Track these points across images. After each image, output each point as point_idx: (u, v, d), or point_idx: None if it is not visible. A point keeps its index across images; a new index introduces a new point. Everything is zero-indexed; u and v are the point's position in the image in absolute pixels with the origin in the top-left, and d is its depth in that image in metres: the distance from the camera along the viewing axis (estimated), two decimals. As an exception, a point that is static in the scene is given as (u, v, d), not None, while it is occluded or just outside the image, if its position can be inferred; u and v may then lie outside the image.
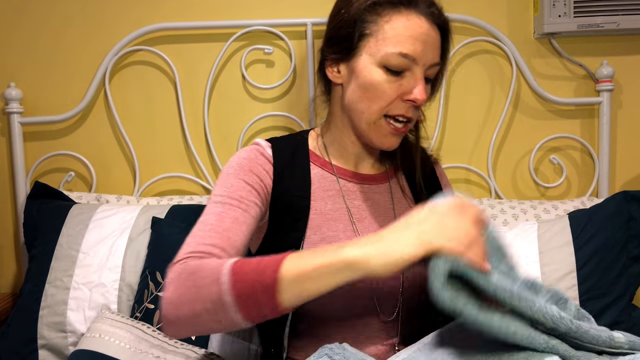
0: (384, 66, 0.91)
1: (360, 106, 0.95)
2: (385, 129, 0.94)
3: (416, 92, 0.91)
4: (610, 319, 1.22)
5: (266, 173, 0.96)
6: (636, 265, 1.28)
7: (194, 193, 1.61)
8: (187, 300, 0.74)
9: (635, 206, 1.30)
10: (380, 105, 0.93)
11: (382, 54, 0.91)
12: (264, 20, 1.54)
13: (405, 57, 0.90)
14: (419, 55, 0.90)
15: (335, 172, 1.01)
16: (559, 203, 1.51)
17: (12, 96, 1.53)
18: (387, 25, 0.91)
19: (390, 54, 0.90)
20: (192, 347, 1.12)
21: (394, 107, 0.93)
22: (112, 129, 1.60)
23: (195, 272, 0.75)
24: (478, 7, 1.57)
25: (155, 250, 1.30)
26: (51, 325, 1.28)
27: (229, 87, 1.59)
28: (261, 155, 0.98)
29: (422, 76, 0.91)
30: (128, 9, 1.57)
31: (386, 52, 0.90)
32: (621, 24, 1.50)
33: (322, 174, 1.01)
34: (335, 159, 1.03)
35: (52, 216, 1.41)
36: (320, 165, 1.02)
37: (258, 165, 0.96)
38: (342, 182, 1.01)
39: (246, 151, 0.99)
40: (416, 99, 0.91)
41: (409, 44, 0.90)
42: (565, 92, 1.59)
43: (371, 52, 0.92)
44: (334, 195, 0.99)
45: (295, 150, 1.02)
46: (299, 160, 1.01)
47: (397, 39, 0.90)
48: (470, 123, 1.61)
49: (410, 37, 0.90)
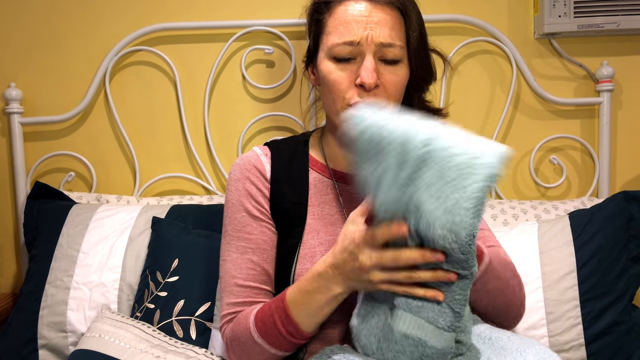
0: (333, 57, 0.93)
1: (326, 102, 0.97)
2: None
3: (363, 74, 0.90)
4: (610, 319, 1.22)
5: (261, 190, 0.99)
6: (636, 265, 1.28)
7: (194, 193, 1.61)
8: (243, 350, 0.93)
9: (635, 206, 1.30)
10: (337, 96, 0.93)
11: (328, 46, 0.93)
12: (264, 20, 1.54)
13: (347, 43, 0.91)
14: (362, 37, 0.90)
15: (332, 176, 1.02)
16: (559, 203, 1.51)
17: (12, 96, 1.53)
18: (331, 18, 0.94)
19: (333, 44, 0.92)
20: (192, 347, 1.12)
21: (351, 95, 0.92)
22: (112, 129, 1.60)
23: (234, 339, 0.93)
24: (478, 7, 1.57)
25: (156, 250, 1.30)
26: (51, 325, 1.28)
27: (229, 87, 1.59)
28: (254, 169, 1.00)
29: (372, 58, 0.90)
30: (128, 9, 1.57)
31: (331, 42, 0.92)
32: (621, 24, 1.51)
33: (320, 178, 1.02)
34: (333, 162, 1.03)
35: (52, 216, 1.41)
36: (319, 169, 1.03)
37: (252, 185, 0.99)
38: (340, 186, 1.01)
39: (239, 168, 1.01)
40: (363, 82, 0.90)
41: (347, 30, 0.91)
42: (565, 92, 1.59)
43: (323, 47, 0.95)
44: (331, 200, 1.00)
45: (293, 155, 1.03)
46: (297, 165, 1.02)
47: (337, 27, 0.92)
48: (471, 123, 1.61)
49: (350, 22, 0.91)
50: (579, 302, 1.22)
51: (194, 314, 1.21)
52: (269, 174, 1.00)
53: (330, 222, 0.98)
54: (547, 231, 1.32)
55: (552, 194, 1.62)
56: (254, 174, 1.00)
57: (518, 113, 1.61)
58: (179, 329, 1.19)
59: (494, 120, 1.60)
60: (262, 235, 0.98)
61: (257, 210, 0.98)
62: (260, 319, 0.88)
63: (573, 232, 1.30)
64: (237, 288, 0.96)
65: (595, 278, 1.24)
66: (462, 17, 1.54)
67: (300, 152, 1.04)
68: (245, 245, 0.97)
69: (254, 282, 0.96)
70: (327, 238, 0.96)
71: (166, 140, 1.60)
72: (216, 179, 1.61)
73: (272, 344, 0.88)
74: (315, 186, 1.01)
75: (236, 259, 0.97)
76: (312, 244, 0.95)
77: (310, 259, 0.94)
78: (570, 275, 1.25)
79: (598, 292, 1.23)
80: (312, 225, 0.97)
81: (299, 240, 0.96)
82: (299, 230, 0.96)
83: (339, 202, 1.00)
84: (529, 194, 1.62)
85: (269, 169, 1.01)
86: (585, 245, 1.28)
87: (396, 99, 0.95)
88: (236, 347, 0.93)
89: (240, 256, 0.97)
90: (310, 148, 1.06)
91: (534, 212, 1.47)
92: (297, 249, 0.95)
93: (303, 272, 0.93)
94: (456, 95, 1.60)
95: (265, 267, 0.97)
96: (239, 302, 0.96)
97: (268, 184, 1.00)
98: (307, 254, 0.95)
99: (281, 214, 0.98)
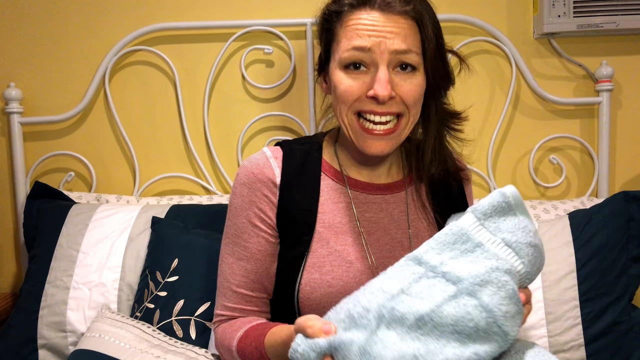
0: (344, 65, 0.91)
1: (336, 111, 0.94)
2: (357, 128, 0.92)
3: (376, 86, 0.88)
4: (610, 319, 1.22)
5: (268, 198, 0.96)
6: (636, 265, 1.28)
7: (194, 193, 1.61)
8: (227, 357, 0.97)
9: (635, 206, 1.31)
10: (346, 105, 0.91)
11: (340, 55, 0.91)
12: (264, 20, 1.54)
13: (359, 49, 0.89)
14: (374, 44, 0.88)
15: (347, 182, 0.99)
16: (558, 203, 1.51)
17: (12, 96, 1.53)
18: (342, 27, 0.92)
19: (344, 51, 0.90)
20: (192, 347, 1.12)
21: (362, 104, 0.90)
22: (112, 129, 1.60)
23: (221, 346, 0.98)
24: (478, 7, 1.57)
25: (155, 250, 1.30)
26: (51, 325, 1.28)
27: (228, 87, 1.59)
28: (262, 175, 0.96)
29: (386, 69, 0.88)
30: (128, 9, 1.57)
31: (343, 50, 0.91)
32: (620, 24, 1.51)
33: (333, 185, 0.99)
34: (348, 168, 1.00)
35: (52, 216, 1.41)
36: (332, 175, 0.99)
37: (258, 192, 0.96)
38: (352, 194, 0.98)
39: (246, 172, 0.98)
40: (377, 95, 0.88)
41: (360, 36, 0.89)
42: (564, 92, 1.59)
43: (335, 57, 0.93)
44: (344, 208, 0.97)
45: (306, 159, 0.99)
46: (309, 170, 0.98)
47: (348, 35, 0.90)
48: (470, 123, 1.59)
49: (361, 30, 0.89)
50: (579, 302, 1.23)
51: (193, 314, 1.21)
52: (279, 178, 0.96)
53: (341, 232, 0.95)
54: (546, 231, 1.32)
55: (551, 194, 1.62)
56: (261, 180, 0.96)
57: (517, 113, 1.61)
58: (179, 329, 1.19)
59: (494, 120, 1.60)
60: (258, 245, 0.96)
61: (259, 219, 0.96)
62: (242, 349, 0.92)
63: (573, 232, 1.30)
64: (230, 292, 0.98)
65: (594, 278, 1.24)
66: (461, 17, 1.54)
67: (313, 156, 1.00)
68: (240, 252, 0.97)
69: (246, 289, 0.97)
70: (336, 248, 0.93)
71: (166, 140, 1.60)
72: (216, 178, 1.61)
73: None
74: (327, 193, 0.97)
75: (232, 263, 0.98)
76: (321, 254, 0.93)
77: (318, 269, 0.92)
78: (570, 276, 1.25)
79: (598, 292, 1.24)
80: (322, 234, 0.94)
81: (307, 249, 0.93)
82: (307, 239, 0.93)
83: (352, 211, 0.97)
84: (529, 194, 1.62)
85: (279, 174, 0.97)
86: (584, 245, 1.28)
87: (415, 109, 0.93)
88: (221, 350, 0.99)
89: (235, 261, 0.97)
90: (324, 152, 1.02)
91: (534, 212, 1.47)
92: (304, 257, 0.93)
93: (310, 281, 0.91)
94: (456, 95, 1.59)
95: (259, 276, 0.97)
96: (231, 307, 0.98)
97: (277, 190, 0.96)
98: (316, 264, 0.92)
99: (289, 221, 0.95)
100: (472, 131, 1.61)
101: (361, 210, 0.97)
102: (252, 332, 0.91)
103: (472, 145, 1.61)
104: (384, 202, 0.99)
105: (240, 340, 0.92)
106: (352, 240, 0.95)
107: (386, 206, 0.99)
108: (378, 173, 1.01)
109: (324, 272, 0.92)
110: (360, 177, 1.00)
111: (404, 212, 1.00)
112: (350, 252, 0.94)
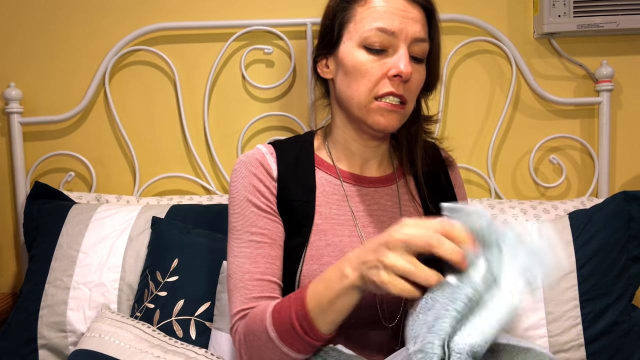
0: (365, 46, 0.91)
1: (349, 92, 0.94)
2: (377, 108, 0.92)
3: (401, 65, 0.89)
4: (610, 319, 1.22)
5: (269, 187, 0.97)
6: (636, 265, 1.28)
7: (194, 193, 1.61)
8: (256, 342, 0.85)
9: (635, 206, 1.31)
10: (367, 87, 0.91)
11: (360, 34, 0.91)
12: (264, 20, 1.54)
13: (384, 31, 0.89)
14: (398, 28, 0.89)
15: (340, 175, 1.01)
16: (558, 203, 1.51)
17: (12, 96, 1.53)
18: (363, 7, 0.92)
19: (368, 31, 0.90)
20: (192, 347, 1.12)
21: (382, 86, 0.91)
22: (112, 129, 1.60)
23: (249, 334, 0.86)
24: (478, 7, 1.57)
25: (155, 250, 1.30)
26: (51, 325, 1.28)
27: (228, 87, 1.59)
28: (260, 166, 0.98)
29: (406, 51, 0.90)
30: (128, 9, 1.57)
31: (364, 30, 0.91)
32: (621, 24, 1.51)
33: (327, 178, 1.00)
34: (340, 162, 1.02)
35: (52, 216, 1.41)
36: (325, 169, 1.01)
37: (259, 182, 0.96)
38: (346, 186, 1.00)
39: (245, 165, 0.98)
40: (401, 73, 0.89)
41: (385, 18, 0.90)
42: (564, 92, 1.59)
43: (351, 36, 0.93)
44: (339, 200, 0.98)
45: (299, 154, 1.01)
46: (302, 164, 1.00)
47: (372, 16, 0.91)
48: (470, 123, 1.61)
49: (386, 12, 0.90)
50: (579, 302, 1.23)
51: (193, 314, 1.21)
52: (276, 172, 0.98)
53: (337, 224, 0.96)
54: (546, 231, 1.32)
55: (551, 194, 1.62)
56: (260, 170, 0.97)
57: (518, 113, 1.61)
58: (179, 329, 1.19)
59: (494, 120, 1.60)
60: (276, 230, 0.95)
61: (266, 205, 0.96)
62: (278, 310, 0.82)
63: (573, 232, 1.30)
64: (254, 282, 0.90)
65: (595, 278, 1.24)
66: (461, 17, 1.54)
67: (305, 152, 1.02)
68: (259, 240, 0.93)
69: (272, 276, 0.92)
70: (334, 240, 0.95)
71: (166, 140, 1.60)
72: (216, 178, 1.61)
73: (285, 341, 0.81)
74: (322, 186, 0.99)
75: (250, 253, 0.92)
76: (319, 245, 0.94)
77: (317, 260, 0.93)
78: (570, 275, 1.25)
79: (598, 292, 1.24)
80: (320, 225, 0.95)
81: (306, 240, 0.94)
82: (306, 230, 0.94)
83: (347, 203, 0.98)
84: (529, 194, 1.62)
85: (275, 168, 0.98)
86: (585, 245, 1.28)
87: (414, 100, 0.97)
88: (250, 343, 0.86)
89: (255, 251, 0.93)
90: (316, 148, 1.04)
91: (534, 212, 1.47)
92: (303, 249, 0.93)
93: (309, 273, 0.92)
94: (456, 95, 1.60)
95: (280, 262, 0.94)
96: (255, 296, 0.90)
97: (275, 182, 0.97)
98: (314, 255, 0.93)
99: (288, 212, 0.96)
100: (472, 131, 1.61)
101: (355, 202, 0.99)
102: (291, 294, 0.84)
103: (472, 145, 1.61)
104: (377, 194, 1.01)
105: (277, 305, 0.84)
106: (348, 231, 0.96)
107: (379, 198, 1.01)
108: (369, 167, 1.03)
109: (323, 263, 0.92)
110: (353, 171, 1.02)
111: (396, 204, 1.02)
112: (346, 244, 0.95)
